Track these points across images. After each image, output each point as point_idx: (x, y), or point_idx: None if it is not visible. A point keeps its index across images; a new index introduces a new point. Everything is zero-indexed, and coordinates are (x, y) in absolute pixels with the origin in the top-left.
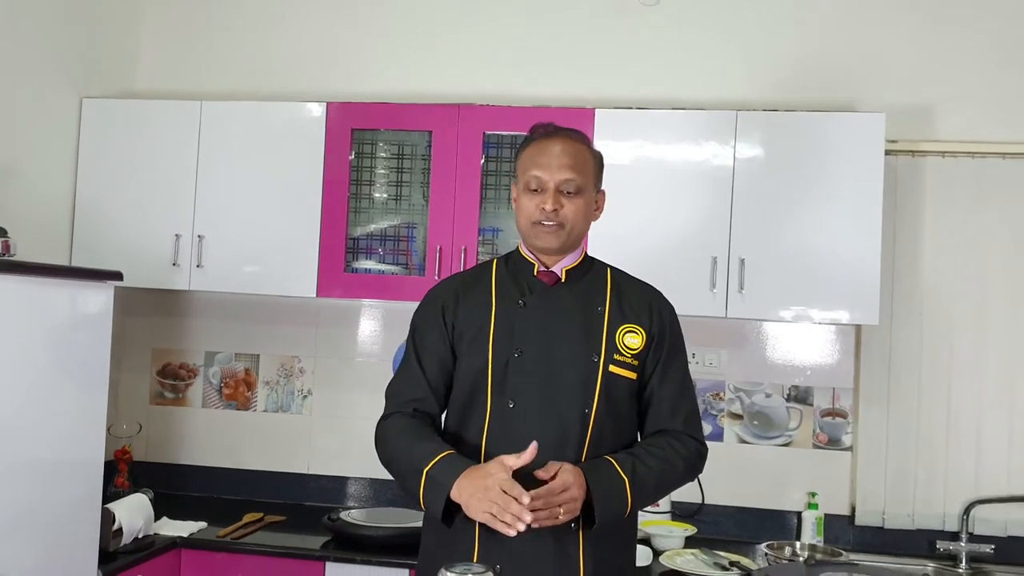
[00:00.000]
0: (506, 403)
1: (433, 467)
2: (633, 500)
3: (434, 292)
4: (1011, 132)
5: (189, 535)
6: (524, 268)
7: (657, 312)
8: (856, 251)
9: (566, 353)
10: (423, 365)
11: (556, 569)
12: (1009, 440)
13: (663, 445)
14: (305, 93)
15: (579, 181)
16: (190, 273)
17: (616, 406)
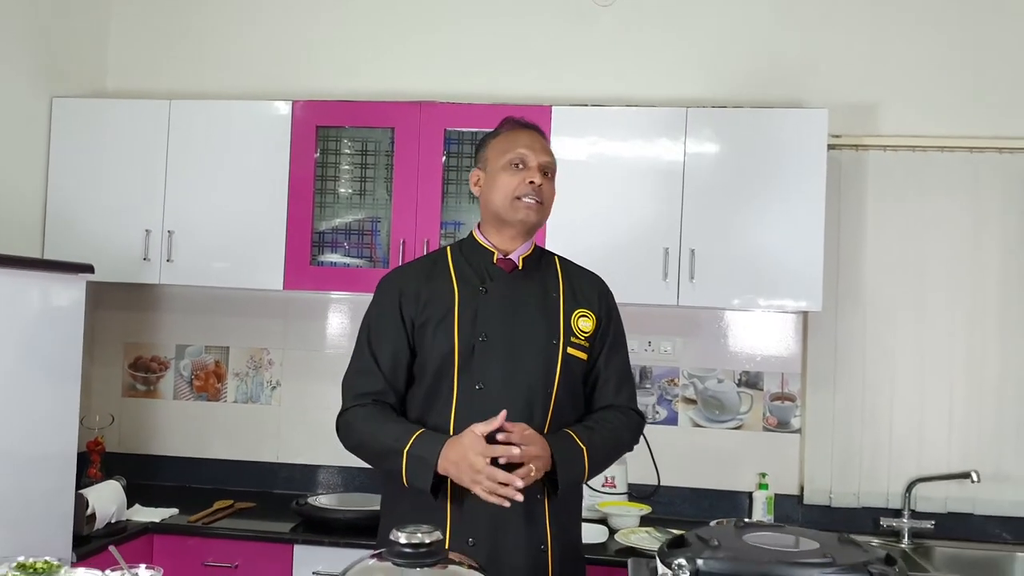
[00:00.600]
0: (473, 385)
1: (412, 446)
2: (589, 467)
3: (390, 283)
4: (949, 127)
5: (161, 520)
6: (482, 255)
7: (604, 298)
8: (801, 241)
9: (528, 337)
10: (378, 358)
11: (526, 533)
12: (949, 421)
13: (611, 419)
14: (271, 92)
15: (553, 167)
16: (160, 267)
17: (573, 386)
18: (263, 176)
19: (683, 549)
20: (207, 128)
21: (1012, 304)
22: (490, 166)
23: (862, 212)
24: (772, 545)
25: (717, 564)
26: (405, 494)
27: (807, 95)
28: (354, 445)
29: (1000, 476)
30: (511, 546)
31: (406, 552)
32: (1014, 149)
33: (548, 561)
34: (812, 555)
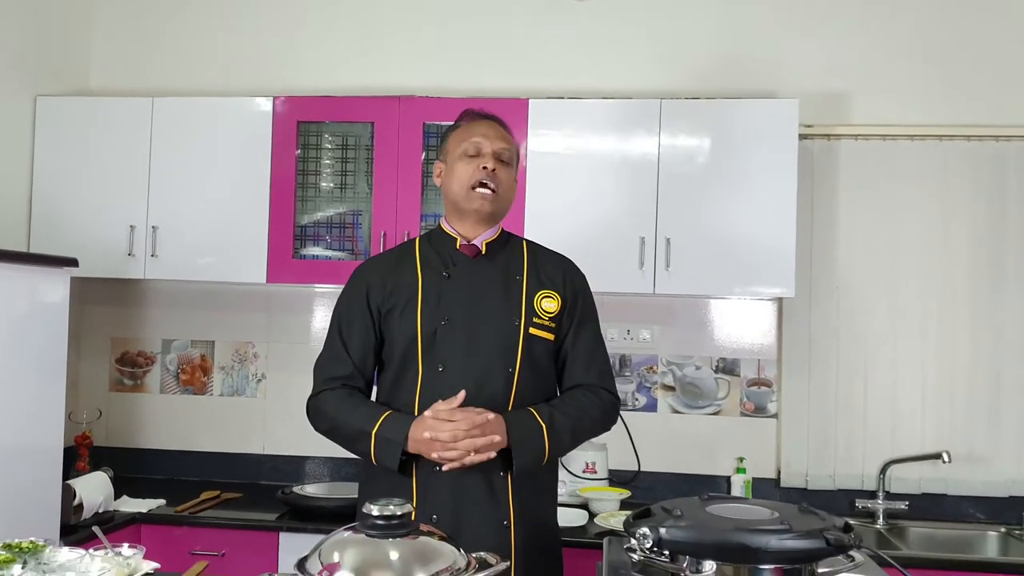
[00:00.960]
0: (436, 367)
1: (380, 427)
2: (551, 445)
3: (359, 273)
4: (919, 116)
5: (148, 511)
6: (446, 242)
7: (570, 279)
8: (774, 229)
9: (489, 318)
10: (347, 345)
11: (488, 510)
12: (922, 403)
13: (579, 396)
14: (253, 88)
15: (511, 154)
16: (145, 262)
17: (537, 365)
18: (245, 171)
19: (647, 519)
20: (190, 125)
21: (982, 288)
22: (449, 157)
23: (834, 200)
24: (733, 515)
25: (679, 532)
26: (379, 473)
27: (779, 86)
28: (325, 428)
29: (972, 457)
30: (474, 522)
31: (378, 524)
32: (982, 136)
33: (511, 537)
34: (770, 523)
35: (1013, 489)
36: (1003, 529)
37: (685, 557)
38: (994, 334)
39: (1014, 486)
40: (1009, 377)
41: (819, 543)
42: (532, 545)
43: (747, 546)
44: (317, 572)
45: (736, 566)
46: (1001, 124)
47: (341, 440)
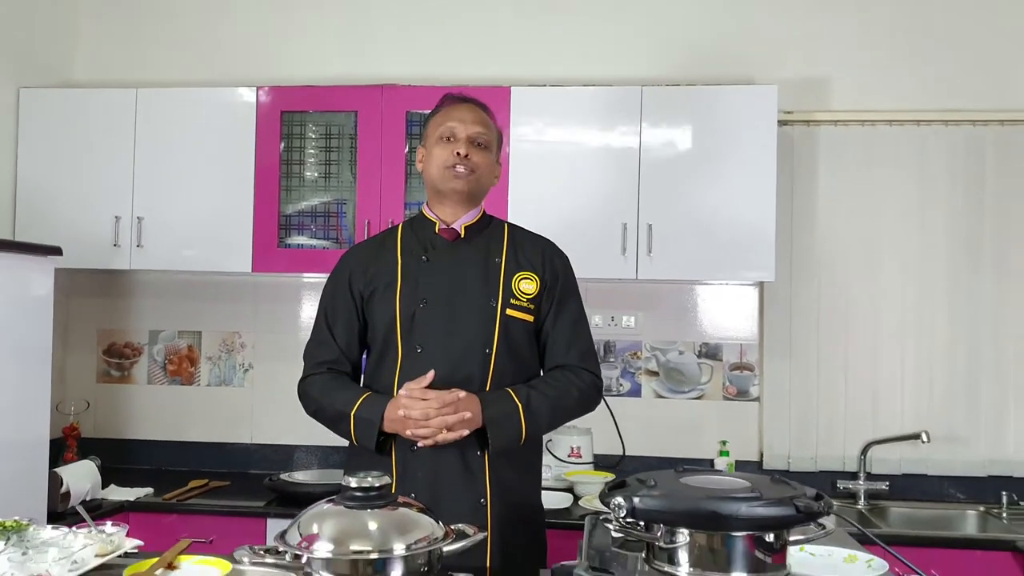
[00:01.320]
0: (415, 349)
1: (358, 409)
2: (527, 425)
3: (343, 260)
4: (897, 101)
5: (136, 499)
6: (427, 227)
7: (549, 260)
8: (754, 214)
9: (467, 300)
10: (333, 330)
11: (464, 488)
12: (901, 384)
13: (558, 377)
14: (237, 79)
15: (488, 137)
16: (131, 253)
17: (515, 346)
18: (230, 161)
19: (622, 490)
20: (174, 115)
21: (960, 270)
22: (428, 142)
23: (814, 185)
24: (706, 485)
25: (652, 502)
26: (360, 454)
27: (759, 72)
28: (313, 411)
29: (951, 437)
30: (450, 500)
31: (357, 496)
32: (960, 121)
33: (487, 516)
34: (741, 491)
35: (991, 469)
36: (982, 508)
37: (659, 526)
38: (972, 316)
39: (992, 466)
40: (987, 358)
41: (789, 510)
42: (510, 523)
43: (718, 513)
44: (296, 543)
45: (708, 534)
46: (978, 108)
47: (326, 422)
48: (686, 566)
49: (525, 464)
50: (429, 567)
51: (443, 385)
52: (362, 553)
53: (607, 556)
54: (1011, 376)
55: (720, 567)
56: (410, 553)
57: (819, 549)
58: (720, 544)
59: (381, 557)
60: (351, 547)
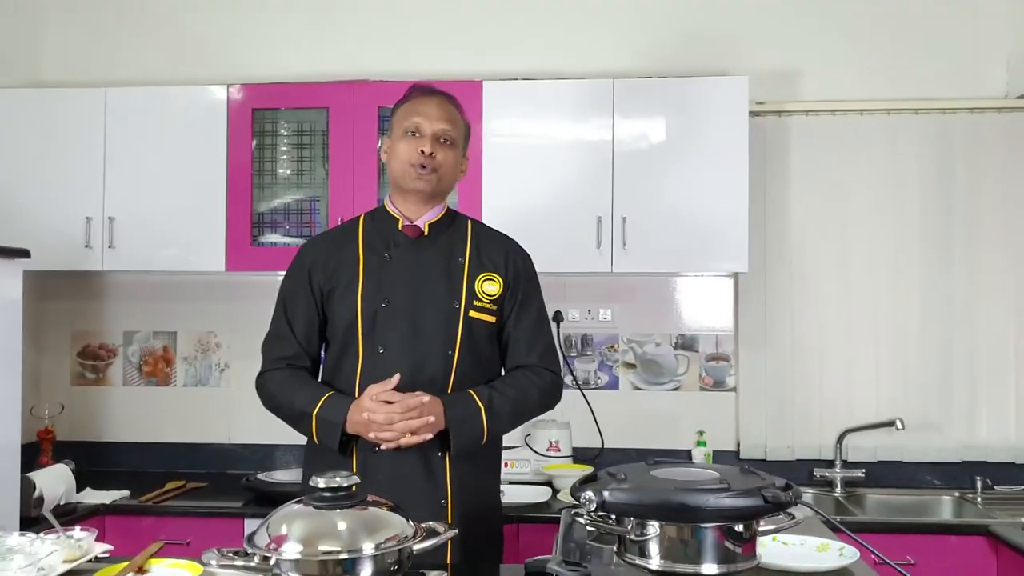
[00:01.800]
0: (376, 349)
1: (320, 409)
2: (489, 426)
3: (302, 253)
4: (867, 91)
5: (112, 502)
6: (389, 223)
7: (512, 261)
8: (727, 206)
9: (429, 301)
10: (292, 324)
11: (425, 489)
12: (876, 372)
13: (519, 377)
14: (207, 77)
15: (454, 134)
16: (103, 254)
17: (477, 347)
18: (201, 160)
19: (592, 483)
20: (144, 115)
21: (931, 258)
22: (393, 134)
23: (787, 176)
24: (675, 477)
25: (622, 495)
26: (320, 453)
27: (730, 63)
28: (272, 407)
29: (926, 424)
30: (411, 501)
31: (325, 496)
32: (929, 110)
33: (448, 516)
34: (710, 482)
35: (965, 454)
36: (957, 494)
37: (630, 519)
38: (944, 303)
39: (966, 451)
40: (959, 345)
41: (757, 501)
42: (471, 522)
43: (687, 505)
44: (265, 545)
45: (678, 526)
46: (946, 97)
47: (286, 419)
48: (657, 558)
49: (485, 464)
50: (399, 566)
51: (406, 387)
52: (331, 553)
53: (586, 550)
54: (984, 362)
55: (690, 559)
56: (379, 552)
57: (792, 538)
58: (690, 536)
59: (350, 557)
60: (320, 548)
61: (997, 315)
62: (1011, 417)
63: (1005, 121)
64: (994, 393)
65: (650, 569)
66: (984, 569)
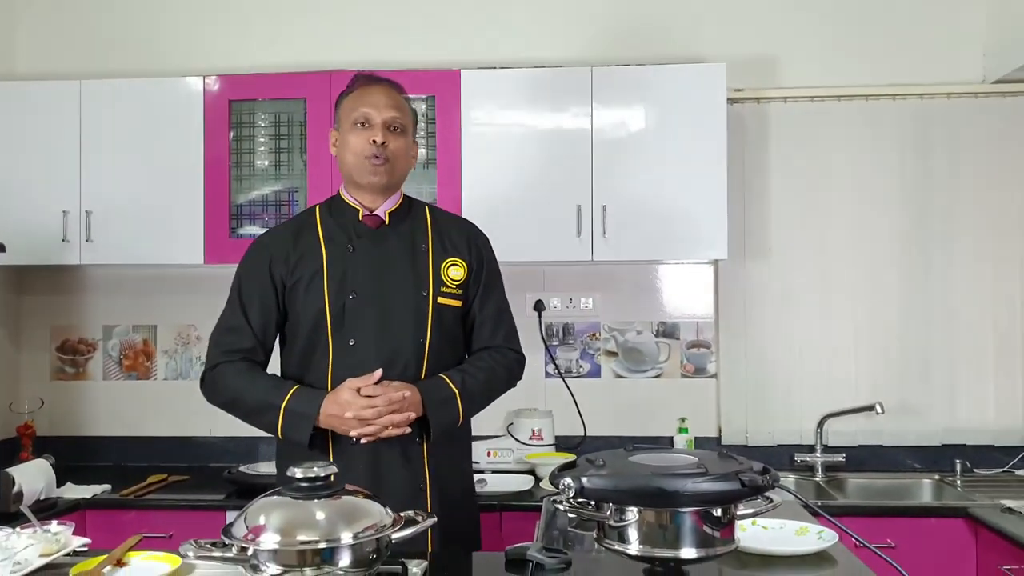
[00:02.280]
0: (347, 342)
1: (289, 401)
2: (464, 409)
3: (260, 244)
4: (845, 77)
5: (92, 496)
6: (348, 213)
7: (475, 244)
8: (706, 193)
9: (397, 291)
10: (249, 317)
11: (404, 475)
12: (855, 357)
13: (486, 358)
14: (182, 68)
15: (403, 121)
16: (80, 248)
17: (447, 333)
18: (178, 152)
19: (571, 470)
20: (119, 107)
21: (910, 243)
22: (342, 126)
23: (765, 162)
24: (654, 462)
25: (600, 481)
26: (295, 446)
27: (708, 51)
28: (225, 401)
29: (905, 408)
30: (390, 489)
31: (303, 486)
32: (907, 95)
33: (427, 500)
34: (688, 467)
35: (945, 438)
36: (936, 477)
37: (609, 505)
38: (923, 287)
39: (946, 435)
40: (939, 329)
41: (734, 485)
42: (449, 507)
43: (664, 490)
44: (243, 536)
45: (657, 511)
46: (924, 83)
47: (242, 413)
48: (636, 543)
49: (458, 447)
50: (378, 554)
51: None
52: (309, 543)
53: (568, 537)
54: (962, 346)
55: (669, 543)
56: (358, 541)
57: (771, 522)
58: (668, 520)
59: (329, 546)
60: (298, 537)
61: (976, 299)
62: (990, 400)
63: (982, 106)
64: (973, 376)
65: (629, 554)
66: (964, 551)
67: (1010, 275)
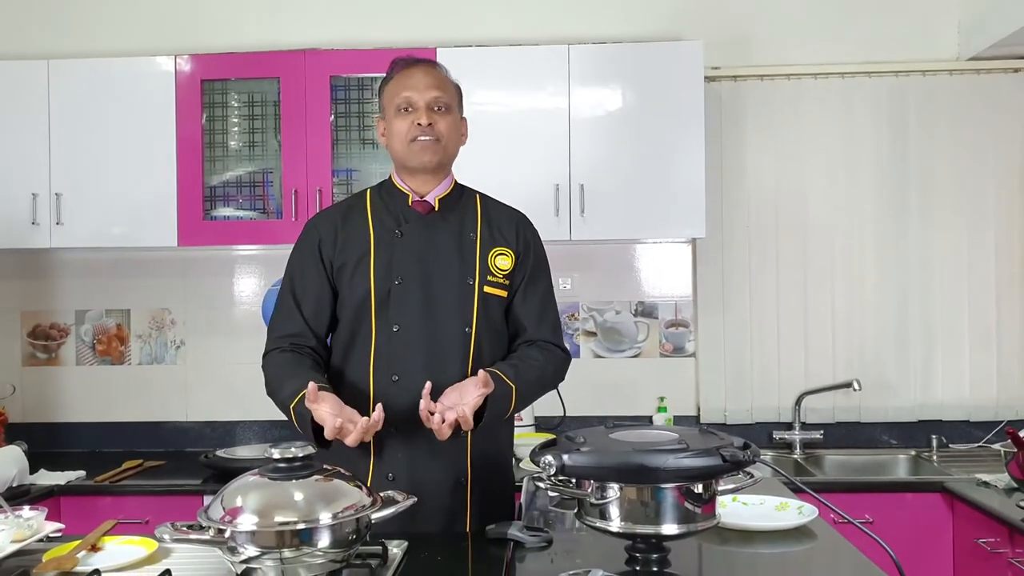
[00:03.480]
0: (391, 328)
1: (299, 403)
2: (515, 404)
3: (311, 227)
4: (821, 55)
5: (67, 483)
6: (398, 198)
7: (523, 235)
8: (684, 172)
9: (444, 278)
10: (299, 301)
11: (444, 468)
12: (832, 334)
13: (538, 356)
14: (153, 48)
15: (447, 99)
16: (50, 231)
17: (493, 323)
18: (150, 133)
19: (552, 448)
20: (89, 87)
21: (886, 220)
22: (387, 114)
23: (743, 140)
24: (634, 439)
25: (581, 458)
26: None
27: (685, 29)
28: (269, 393)
29: (882, 385)
30: (429, 480)
31: (280, 467)
32: (882, 73)
33: (467, 494)
34: (669, 443)
35: (921, 414)
36: (913, 452)
37: (590, 482)
38: (899, 264)
39: (922, 411)
40: (914, 306)
41: (715, 460)
42: (488, 497)
43: (645, 466)
44: (220, 518)
45: (638, 487)
46: (899, 60)
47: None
48: (617, 520)
49: (500, 437)
50: (357, 535)
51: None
52: (287, 524)
53: (548, 517)
54: (938, 322)
55: (650, 520)
56: (337, 522)
57: (751, 498)
58: (650, 497)
59: (307, 527)
60: (276, 518)
61: (951, 276)
62: (965, 376)
63: (957, 83)
64: (948, 353)
65: (611, 531)
66: (940, 524)
67: (985, 253)
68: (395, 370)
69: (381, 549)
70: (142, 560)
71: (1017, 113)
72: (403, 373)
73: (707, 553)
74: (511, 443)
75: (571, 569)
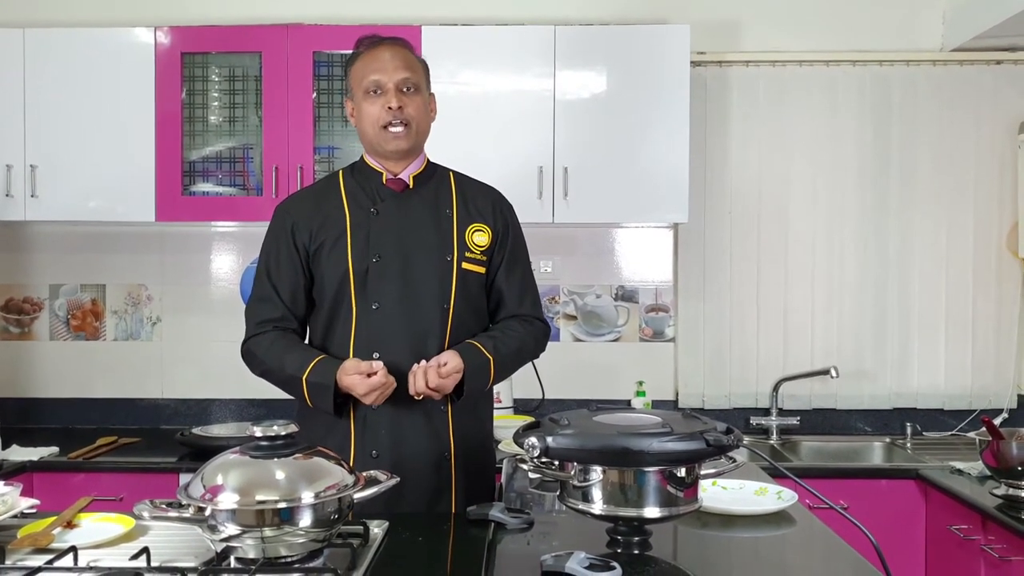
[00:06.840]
0: (370, 306)
1: (310, 373)
2: (495, 376)
3: (282, 211)
4: (807, 42)
5: (39, 459)
6: (372, 177)
7: (500, 211)
8: (668, 156)
9: (422, 255)
10: (276, 285)
11: (427, 443)
12: (811, 322)
13: (516, 327)
14: (131, 18)
15: (415, 79)
16: (25, 203)
17: (471, 299)
18: (128, 106)
19: (535, 430)
20: (66, 58)
21: (867, 208)
22: (355, 95)
23: (727, 126)
24: (618, 422)
25: (565, 440)
26: (315, 414)
27: (672, 12)
28: (261, 372)
29: (859, 373)
30: (413, 456)
31: (263, 445)
32: (867, 61)
33: (451, 468)
34: (652, 427)
35: (896, 402)
36: (887, 439)
37: (573, 464)
38: (879, 253)
39: (897, 399)
40: (893, 295)
41: (699, 444)
42: (471, 473)
43: (629, 449)
44: (200, 495)
45: (621, 470)
46: (884, 49)
47: (277, 383)
48: (600, 503)
49: (481, 413)
50: (339, 514)
51: (402, 341)
52: (268, 502)
53: (527, 498)
54: (915, 311)
55: (632, 503)
56: (319, 501)
57: (731, 483)
58: (632, 480)
59: (289, 506)
60: (257, 497)
61: (929, 266)
62: (940, 365)
63: (940, 73)
64: (925, 342)
65: (593, 514)
66: (914, 511)
67: (963, 243)
68: (376, 347)
69: (362, 529)
70: (119, 537)
71: (998, 105)
72: (384, 350)
73: (687, 537)
74: (492, 419)
75: (552, 551)
